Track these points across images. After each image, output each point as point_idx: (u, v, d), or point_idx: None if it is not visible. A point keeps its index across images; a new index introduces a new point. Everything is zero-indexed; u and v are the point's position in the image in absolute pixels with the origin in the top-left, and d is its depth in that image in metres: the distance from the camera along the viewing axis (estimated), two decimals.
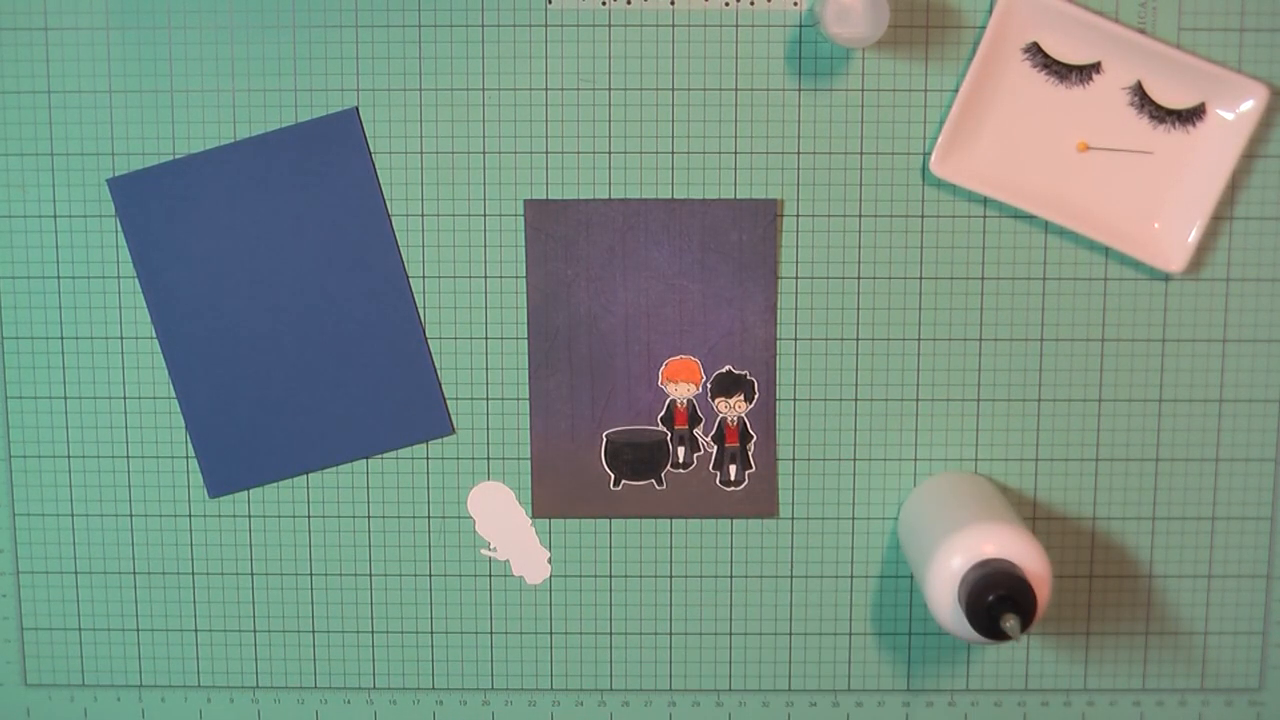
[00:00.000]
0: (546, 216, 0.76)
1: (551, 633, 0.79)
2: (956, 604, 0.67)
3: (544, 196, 0.76)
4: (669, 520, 0.78)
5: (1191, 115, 0.74)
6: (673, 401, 0.77)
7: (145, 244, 0.76)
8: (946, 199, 0.76)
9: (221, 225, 0.76)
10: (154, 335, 0.77)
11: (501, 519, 0.77)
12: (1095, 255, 0.76)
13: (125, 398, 0.77)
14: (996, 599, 0.65)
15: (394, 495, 0.78)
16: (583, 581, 0.78)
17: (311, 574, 0.78)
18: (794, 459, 0.77)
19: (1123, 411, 0.77)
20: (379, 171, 0.76)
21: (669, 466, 0.77)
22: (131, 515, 0.78)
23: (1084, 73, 0.74)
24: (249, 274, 0.76)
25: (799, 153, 0.76)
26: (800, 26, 0.75)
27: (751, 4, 0.75)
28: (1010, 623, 0.64)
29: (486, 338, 0.76)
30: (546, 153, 0.76)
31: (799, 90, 0.75)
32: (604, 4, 0.75)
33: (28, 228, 0.76)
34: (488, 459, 0.77)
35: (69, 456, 0.78)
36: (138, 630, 0.79)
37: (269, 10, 0.75)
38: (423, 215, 0.76)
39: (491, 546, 0.76)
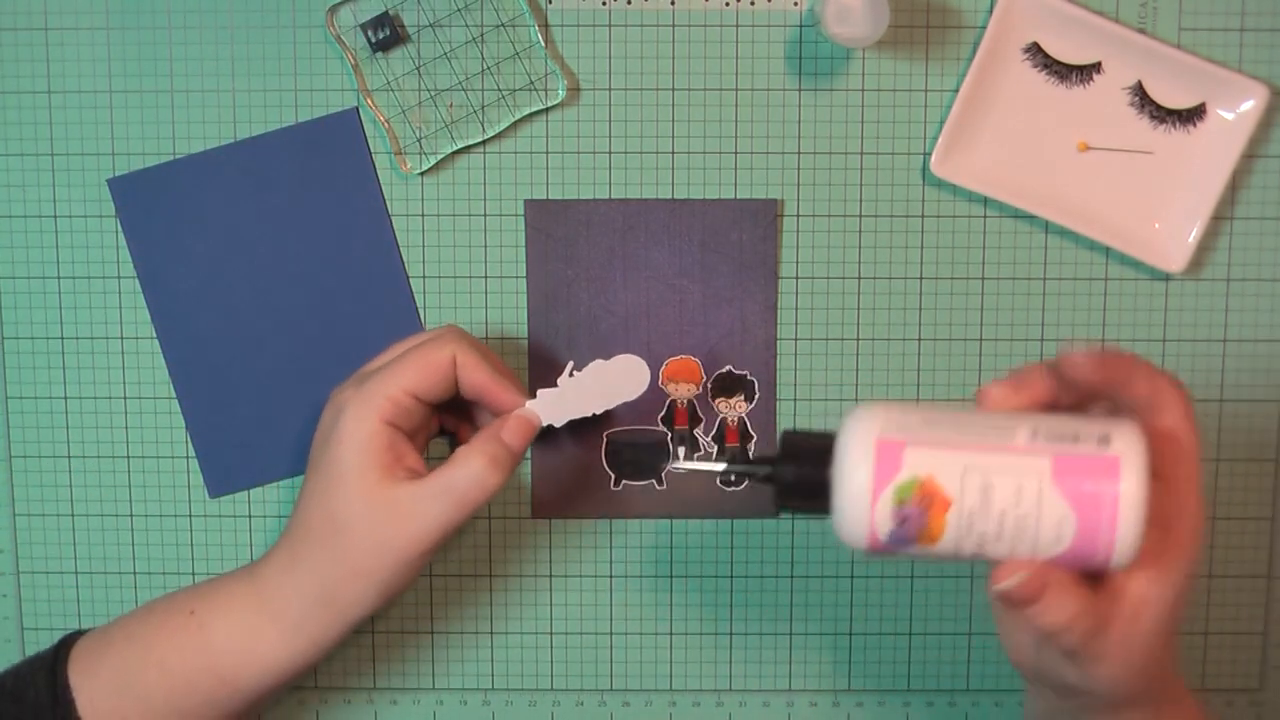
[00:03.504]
0: (546, 216, 0.76)
1: (551, 633, 0.79)
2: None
3: (544, 196, 0.76)
4: (669, 520, 0.78)
5: (1191, 115, 0.74)
6: (673, 401, 0.77)
7: (145, 244, 0.76)
8: (946, 199, 0.76)
9: (221, 225, 0.76)
10: (154, 335, 0.77)
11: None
12: (1095, 255, 0.76)
13: (125, 398, 0.77)
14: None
15: None
16: (583, 581, 0.78)
17: None
18: None
19: None
20: (379, 171, 0.76)
21: (669, 466, 0.77)
22: (132, 515, 0.78)
23: (1084, 73, 0.74)
24: (249, 274, 0.76)
25: (799, 153, 0.76)
26: (800, 26, 0.75)
27: (752, 4, 0.75)
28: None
29: (486, 338, 0.76)
30: (547, 153, 0.76)
31: (799, 90, 0.75)
32: (604, 4, 0.75)
33: (28, 228, 0.76)
34: None
35: (69, 456, 0.78)
36: None
37: (269, 10, 0.75)
38: (423, 215, 0.76)
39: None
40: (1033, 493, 0.55)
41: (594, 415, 0.71)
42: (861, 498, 0.56)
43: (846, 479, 0.56)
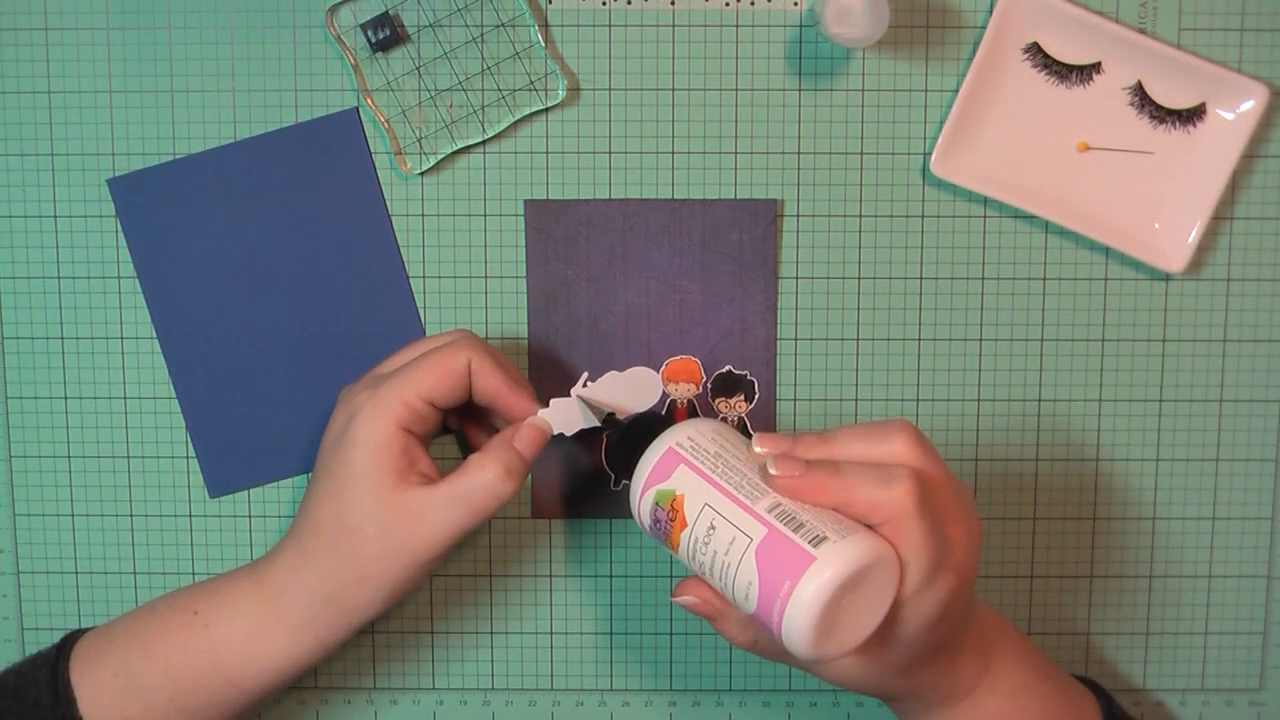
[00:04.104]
0: (546, 216, 0.76)
1: (552, 633, 0.79)
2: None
3: (544, 196, 0.76)
4: None
5: (1191, 115, 0.74)
6: (673, 402, 0.77)
7: (145, 244, 0.76)
8: (946, 199, 0.76)
9: (221, 225, 0.76)
10: (154, 335, 0.77)
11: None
12: (1095, 255, 0.76)
13: (125, 398, 0.77)
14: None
15: None
16: (583, 581, 0.78)
17: None
18: None
19: (1123, 411, 0.77)
20: (379, 171, 0.76)
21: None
22: (132, 515, 0.78)
23: (1084, 73, 0.74)
24: (249, 274, 0.76)
25: (799, 153, 0.76)
26: (800, 26, 0.75)
27: (752, 4, 0.75)
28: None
29: (486, 337, 0.76)
30: (547, 153, 0.76)
31: (799, 90, 0.75)
32: (604, 4, 0.75)
33: (28, 228, 0.76)
34: None
35: (69, 456, 0.78)
36: None
37: (269, 10, 0.75)
38: (423, 215, 0.76)
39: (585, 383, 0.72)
40: (739, 551, 0.60)
41: (603, 423, 0.72)
42: (636, 486, 0.64)
43: (636, 467, 0.64)
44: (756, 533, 0.59)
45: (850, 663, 0.62)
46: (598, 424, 0.71)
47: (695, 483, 0.62)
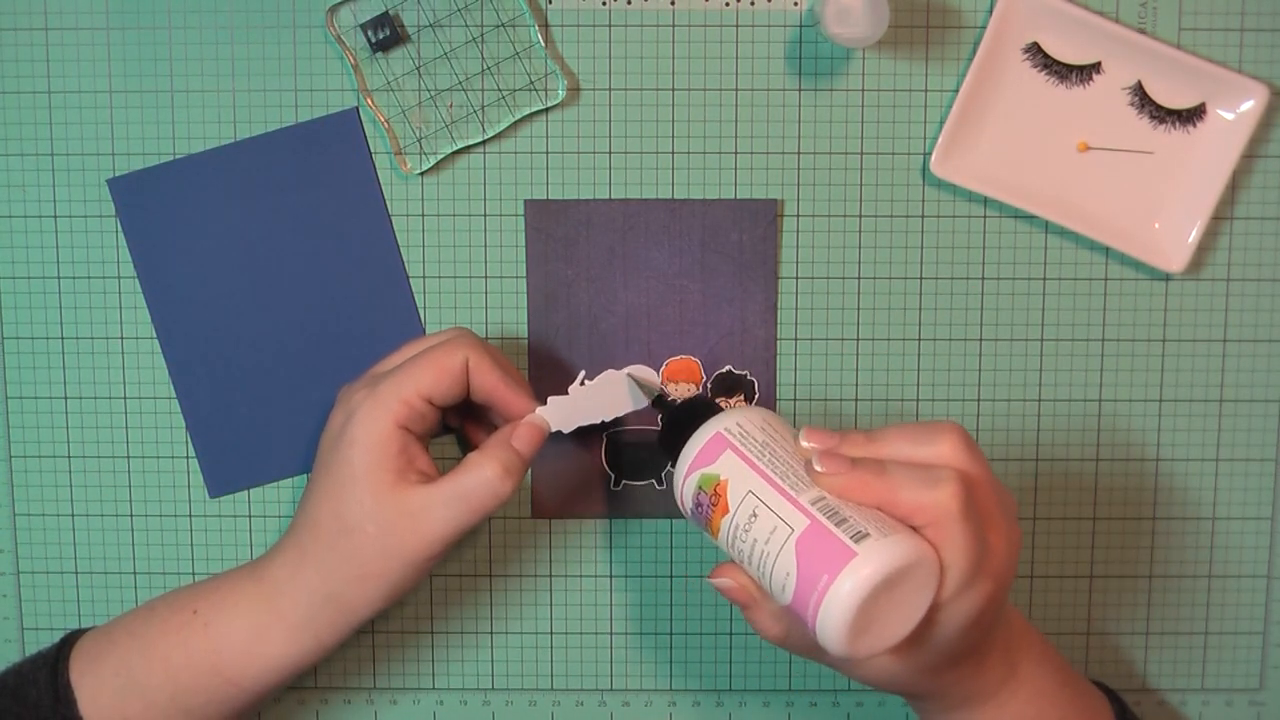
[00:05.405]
0: (546, 216, 0.76)
1: (551, 633, 0.79)
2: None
3: (544, 196, 0.76)
4: (669, 520, 0.78)
5: (1191, 115, 0.74)
6: (673, 401, 0.77)
7: (145, 244, 0.76)
8: (946, 199, 0.76)
9: (221, 225, 0.76)
10: (154, 335, 0.77)
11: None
12: (1095, 255, 0.76)
13: (125, 398, 0.77)
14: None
15: None
16: (583, 581, 0.78)
17: None
18: None
19: (1123, 411, 0.77)
20: (379, 171, 0.76)
21: (669, 466, 0.77)
22: (132, 515, 0.78)
23: (1084, 73, 0.74)
24: (249, 274, 0.76)
25: (799, 153, 0.76)
26: (800, 26, 0.75)
27: (752, 4, 0.75)
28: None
29: (486, 337, 0.76)
30: (547, 153, 0.76)
31: (799, 90, 0.75)
32: (604, 4, 0.75)
33: (28, 228, 0.76)
34: None
35: (69, 456, 0.78)
36: None
37: (269, 10, 0.75)
38: (423, 215, 0.76)
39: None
40: (779, 540, 0.59)
41: (602, 423, 0.72)
42: (681, 468, 0.64)
43: (682, 450, 0.64)
44: (798, 523, 0.59)
45: (881, 661, 0.62)
46: (598, 421, 0.71)
47: (740, 469, 0.62)
